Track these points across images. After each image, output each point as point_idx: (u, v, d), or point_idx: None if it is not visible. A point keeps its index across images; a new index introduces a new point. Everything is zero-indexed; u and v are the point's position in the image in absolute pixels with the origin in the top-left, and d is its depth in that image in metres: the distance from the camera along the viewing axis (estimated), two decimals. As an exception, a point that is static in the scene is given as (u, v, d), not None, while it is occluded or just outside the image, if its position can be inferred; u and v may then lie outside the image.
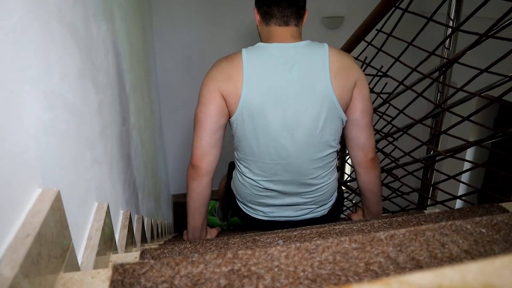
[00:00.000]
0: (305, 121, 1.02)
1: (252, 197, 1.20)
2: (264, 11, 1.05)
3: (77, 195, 0.60)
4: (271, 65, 1.00)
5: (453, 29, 1.10)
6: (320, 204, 1.21)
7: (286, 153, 1.06)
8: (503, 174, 0.97)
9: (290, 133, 1.03)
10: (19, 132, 0.41)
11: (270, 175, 1.12)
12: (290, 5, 1.03)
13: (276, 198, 1.17)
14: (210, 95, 1.02)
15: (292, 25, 1.05)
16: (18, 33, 0.42)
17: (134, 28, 1.73)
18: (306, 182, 1.13)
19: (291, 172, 1.10)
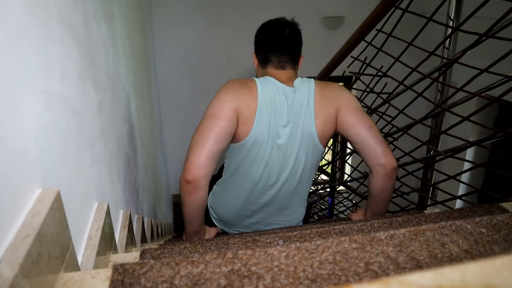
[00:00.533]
0: (293, 160, 1.12)
1: (229, 217, 1.27)
2: (261, 57, 1.15)
3: (77, 195, 0.60)
4: (276, 105, 1.07)
5: (453, 29, 1.10)
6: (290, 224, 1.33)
7: (273, 185, 1.16)
8: (503, 174, 0.97)
9: (281, 169, 1.13)
10: (19, 132, 0.41)
11: (252, 202, 1.20)
12: (285, 52, 1.11)
13: (251, 217, 1.27)
14: (227, 112, 1.02)
15: (288, 69, 1.13)
16: (18, 33, 0.42)
17: (134, 28, 1.73)
18: (284, 211, 1.25)
19: (273, 204, 1.21)
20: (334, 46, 1.99)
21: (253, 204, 1.22)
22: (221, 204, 1.28)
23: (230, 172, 1.20)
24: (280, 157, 1.11)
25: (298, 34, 1.16)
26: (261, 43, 1.15)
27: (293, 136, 1.09)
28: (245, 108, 1.04)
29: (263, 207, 1.23)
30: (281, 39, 1.11)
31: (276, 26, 1.13)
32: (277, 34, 1.12)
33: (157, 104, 3.16)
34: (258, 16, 3.58)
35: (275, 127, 1.07)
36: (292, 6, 3.55)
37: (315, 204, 2.80)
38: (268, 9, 3.52)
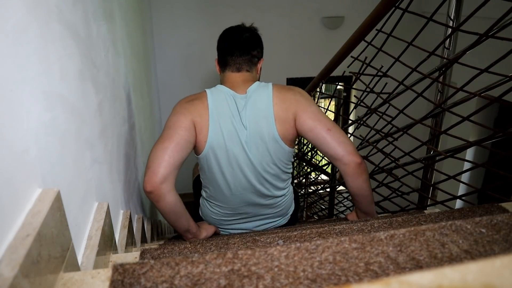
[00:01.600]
0: (258, 160, 1.15)
1: (220, 223, 1.32)
2: (221, 61, 1.21)
3: (77, 195, 0.60)
4: (228, 111, 1.11)
5: (453, 29, 1.10)
6: (280, 217, 1.36)
7: (247, 185, 1.19)
8: (503, 174, 0.97)
9: (249, 170, 1.17)
10: (19, 132, 0.41)
11: (234, 204, 1.24)
12: (242, 54, 1.17)
13: (242, 219, 1.31)
14: (184, 122, 1.06)
15: (243, 71, 1.18)
16: (18, 33, 0.42)
17: (134, 28, 1.73)
18: (266, 204, 1.27)
19: (253, 200, 1.24)
20: (334, 46, 1.99)
21: (237, 207, 1.26)
22: (209, 215, 1.32)
23: (206, 185, 1.25)
24: (245, 160, 1.14)
25: (256, 37, 1.21)
26: (220, 48, 1.21)
27: (253, 139, 1.13)
28: (199, 117, 1.09)
29: (248, 206, 1.26)
30: (238, 42, 1.17)
31: (234, 31, 1.20)
32: (234, 37, 1.18)
33: (157, 104, 3.15)
34: (258, 16, 3.59)
35: (231, 132, 1.11)
36: (292, 6, 3.55)
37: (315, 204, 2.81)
38: (268, 9, 3.52)
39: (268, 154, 1.15)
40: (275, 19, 3.56)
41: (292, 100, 1.12)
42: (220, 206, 1.27)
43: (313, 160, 2.55)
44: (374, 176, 1.58)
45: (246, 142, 1.12)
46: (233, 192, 1.20)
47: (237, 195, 1.22)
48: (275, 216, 1.34)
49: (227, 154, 1.13)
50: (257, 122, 1.11)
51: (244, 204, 1.25)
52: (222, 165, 1.15)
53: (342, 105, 4.20)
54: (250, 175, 1.17)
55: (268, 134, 1.12)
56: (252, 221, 1.33)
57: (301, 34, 3.62)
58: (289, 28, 3.58)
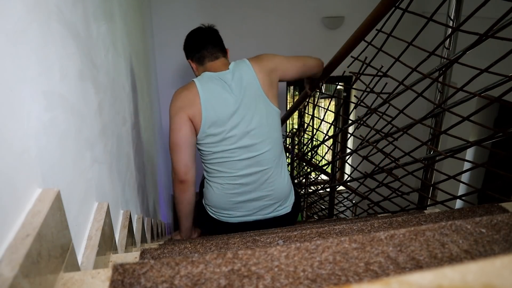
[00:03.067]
0: (255, 123, 1.29)
1: (226, 201, 1.37)
2: (197, 57, 1.37)
3: (77, 195, 0.60)
4: (219, 89, 1.27)
5: (453, 29, 1.10)
6: (280, 201, 1.41)
7: (246, 149, 1.31)
8: (503, 174, 0.97)
9: (247, 135, 1.29)
10: (19, 132, 0.41)
11: (237, 170, 1.33)
12: (215, 45, 1.37)
13: (244, 194, 1.36)
14: (182, 121, 1.24)
15: (221, 58, 1.37)
16: (18, 33, 0.42)
17: (134, 28, 1.73)
18: (265, 170, 1.35)
19: (254, 164, 1.33)
20: (334, 46, 1.99)
21: (243, 182, 1.35)
22: (215, 194, 1.38)
23: (210, 167, 1.36)
24: (243, 128, 1.28)
25: (217, 32, 1.43)
26: (192, 46, 1.38)
27: (246, 107, 1.28)
28: (191, 106, 1.24)
29: (251, 182, 1.35)
30: (208, 36, 1.37)
31: (200, 30, 1.40)
32: (203, 34, 1.38)
33: (157, 104, 3.15)
34: (258, 16, 3.59)
35: (225, 106, 1.26)
36: (292, 6, 3.55)
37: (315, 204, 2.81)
38: (268, 9, 3.52)
39: (263, 117, 1.31)
40: (275, 19, 3.56)
41: (268, 62, 1.35)
42: (229, 179, 1.34)
43: (313, 160, 2.55)
44: (374, 176, 1.58)
45: (239, 107, 1.27)
46: (238, 166, 1.32)
47: (242, 160, 1.32)
48: (273, 199, 1.39)
49: (226, 127, 1.27)
50: (246, 87, 1.28)
51: (248, 167, 1.33)
52: (225, 138, 1.28)
53: (342, 105, 4.20)
54: (251, 142, 1.30)
55: (258, 98, 1.30)
56: (256, 205, 1.38)
57: (301, 34, 3.62)
58: (289, 28, 3.58)
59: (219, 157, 1.31)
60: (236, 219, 1.39)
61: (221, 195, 1.35)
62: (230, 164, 1.31)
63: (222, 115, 1.25)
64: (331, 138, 2.08)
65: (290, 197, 1.45)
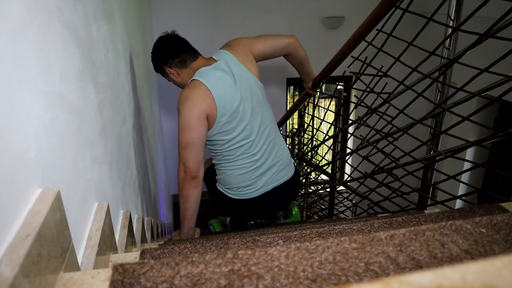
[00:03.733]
0: (256, 100, 1.41)
1: (247, 178, 1.47)
2: (176, 62, 1.41)
3: (77, 195, 0.60)
4: (221, 78, 1.34)
5: (453, 29, 1.10)
6: (288, 164, 1.56)
7: (256, 125, 1.42)
8: (503, 174, 0.97)
9: (253, 113, 1.40)
10: (19, 132, 0.41)
11: (253, 148, 1.43)
12: (189, 47, 1.44)
13: (262, 167, 1.47)
14: (197, 119, 1.27)
15: (199, 56, 1.44)
16: (18, 33, 0.42)
17: (134, 28, 1.73)
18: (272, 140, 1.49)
19: (263, 137, 1.45)
20: (334, 46, 1.99)
21: (259, 157, 1.46)
22: (236, 179, 1.48)
23: (227, 153, 1.43)
24: (250, 108, 1.39)
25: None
26: (167, 55, 1.42)
27: (245, 88, 1.38)
28: (205, 99, 1.29)
29: (265, 153, 1.47)
30: (180, 41, 1.44)
31: (168, 38, 1.45)
32: (173, 40, 1.44)
33: (157, 104, 3.15)
34: (258, 16, 3.59)
35: (233, 93, 1.34)
36: (292, 6, 3.55)
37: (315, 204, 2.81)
38: (268, 9, 3.52)
39: (256, 92, 1.43)
40: (275, 19, 3.55)
41: (242, 47, 1.46)
42: (248, 158, 1.45)
43: (313, 160, 2.55)
44: (374, 176, 1.58)
45: (241, 90, 1.37)
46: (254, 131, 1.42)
47: (256, 138, 1.43)
48: (283, 162, 1.54)
49: (237, 109, 1.35)
50: (237, 71, 1.38)
51: (261, 142, 1.45)
52: (236, 121, 1.37)
53: (343, 105, 4.19)
54: (256, 118, 1.42)
55: (249, 79, 1.41)
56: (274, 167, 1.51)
57: (301, 34, 3.60)
58: (289, 28, 3.58)
59: (237, 141, 1.39)
60: (259, 191, 1.49)
61: (243, 175, 1.45)
62: (248, 144, 1.41)
63: (233, 101, 1.33)
64: (331, 138, 2.07)
65: (291, 159, 1.62)
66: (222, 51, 1.43)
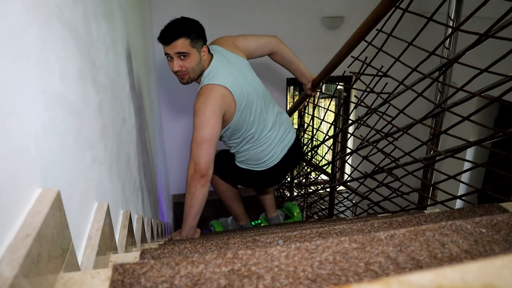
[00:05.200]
0: (255, 86, 1.54)
1: (271, 150, 1.65)
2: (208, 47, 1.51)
3: (77, 195, 0.60)
4: (228, 70, 1.45)
5: (453, 29, 1.10)
6: (289, 124, 1.76)
7: (264, 106, 1.59)
8: (503, 174, 0.97)
9: (256, 91, 1.54)
10: (19, 132, 0.41)
11: (267, 124, 1.61)
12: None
13: (276, 134, 1.66)
14: (217, 118, 1.35)
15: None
16: (18, 33, 0.42)
17: (134, 28, 1.73)
18: (275, 110, 1.67)
19: (270, 110, 1.64)
20: (334, 46, 1.98)
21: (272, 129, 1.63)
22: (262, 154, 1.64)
23: (248, 135, 1.57)
24: (255, 90, 1.54)
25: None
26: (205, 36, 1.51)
27: (242, 73, 1.50)
28: (225, 97, 1.39)
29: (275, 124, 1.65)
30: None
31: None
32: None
33: (157, 104, 3.16)
34: (258, 16, 3.59)
35: (243, 82, 1.47)
36: (292, 6, 3.55)
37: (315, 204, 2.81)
38: (268, 9, 3.52)
39: (250, 72, 1.57)
40: (275, 19, 3.55)
41: (224, 40, 1.61)
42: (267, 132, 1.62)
43: (313, 160, 2.55)
44: (374, 176, 1.58)
45: (244, 76, 1.51)
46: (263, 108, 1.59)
47: (267, 109, 1.61)
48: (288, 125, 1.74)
49: (250, 94, 1.49)
50: (233, 61, 1.52)
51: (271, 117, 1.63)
52: (250, 107, 1.51)
53: (342, 105, 4.19)
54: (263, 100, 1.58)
55: (238, 60, 1.53)
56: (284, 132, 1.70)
57: (301, 34, 3.62)
58: (289, 28, 3.58)
59: (255, 121, 1.54)
60: (280, 156, 1.67)
61: (266, 149, 1.62)
62: (263, 122, 1.58)
63: (242, 88, 1.45)
64: (331, 138, 2.07)
65: (289, 119, 1.82)
66: (216, 48, 1.53)
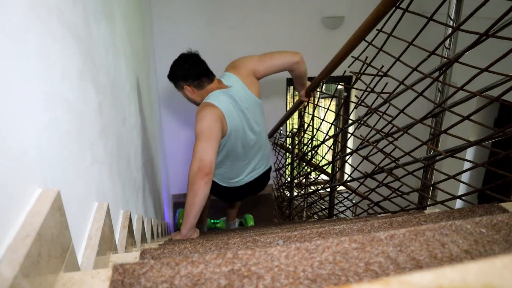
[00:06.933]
0: (254, 124, 1.77)
1: (239, 170, 1.92)
2: (196, 83, 1.70)
3: (77, 195, 0.60)
4: (230, 102, 1.65)
5: (453, 29, 1.10)
6: (267, 160, 2.05)
7: (250, 144, 1.83)
8: (503, 174, 0.97)
9: (250, 128, 1.77)
10: (19, 132, 0.41)
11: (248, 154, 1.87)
12: (208, 70, 1.73)
13: (249, 165, 1.93)
14: (217, 126, 1.52)
15: (215, 79, 1.74)
16: (18, 33, 0.42)
17: (134, 28, 1.73)
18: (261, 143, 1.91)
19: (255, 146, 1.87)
20: (334, 46, 1.98)
21: (248, 157, 1.89)
22: (227, 173, 1.92)
23: (223, 157, 1.80)
24: (250, 124, 1.75)
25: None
26: (190, 74, 1.68)
27: (248, 108, 1.72)
28: (219, 117, 1.57)
29: (254, 155, 1.91)
30: (201, 63, 1.72)
31: (192, 59, 1.70)
32: (198, 63, 1.70)
33: (157, 104, 3.16)
34: (258, 16, 3.59)
35: (238, 116, 1.68)
36: (292, 6, 3.55)
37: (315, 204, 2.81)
38: (268, 9, 3.52)
39: (254, 108, 1.77)
40: (275, 18, 3.55)
41: (244, 68, 1.73)
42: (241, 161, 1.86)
43: (313, 160, 2.55)
44: (374, 176, 1.58)
45: (245, 109, 1.71)
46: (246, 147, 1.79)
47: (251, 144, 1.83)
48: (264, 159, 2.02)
49: (242, 125, 1.71)
50: (243, 95, 1.69)
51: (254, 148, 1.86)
52: (238, 135, 1.71)
53: (343, 105, 4.18)
54: (252, 128, 1.78)
55: (251, 100, 1.72)
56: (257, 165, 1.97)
57: (301, 34, 3.62)
58: (289, 28, 3.58)
59: (236, 150, 1.73)
60: (243, 181, 1.96)
61: (234, 172, 1.88)
62: (242, 152, 1.77)
63: (237, 120, 1.65)
64: (331, 138, 2.07)
65: (270, 155, 2.09)
66: (228, 74, 1.72)
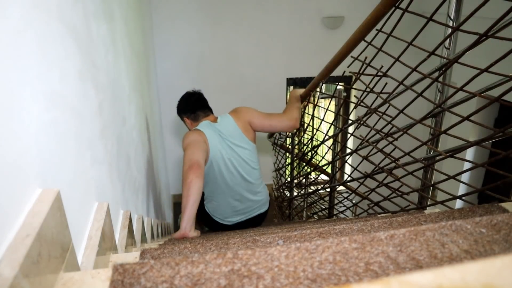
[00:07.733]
0: (241, 161, 1.85)
1: (226, 212, 1.96)
2: (192, 116, 1.90)
3: (77, 195, 0.60)
4: (214, 132, 1.79)
5: (453, 29, 1.10)
6: (262, 203, 2.05)
7: (237, 180, 1.88)
8: (503, 174, 0.97)
9: (236, 170, 1.85)
10: (19, 132, 0.41)
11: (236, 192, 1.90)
12: (206, 107, 1.93)
13: (238, 207, 1.95)
14: (201, 140, 1.66)
15: (210, 114, 1.92)
16: (18, 33, 0.42)
17: (134, 28, 1.73)
18: (254, 191, 1.98)
19: (243, 186, 1.91)
20: (334, 46, 1.99)
21: (236, 194, 1.91)
22: (217, 208, 1.96)
23: (211, 188, 1.89)
24: (234, 160, 1.83)
25: (203, 96, 1.98)
26: (188, 109, 1.90)
27: (234, 146, 1.82)
28: (203, 140, 1.70)
29: (245, 196, 1.94)
30: (200, 101, 1.92)
31: (192, 96, 1.92)
32: (196, 99, 1.91)
33: (157, 104, 3.16)
34: (258, 16, 3.59)
35: (220, 145, 1.79)
36: (292, 6, 3.55)
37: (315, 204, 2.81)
38: (268, 9, 3.52)
39: (244, 151, 1.85)
40: (275, 19, 3.55)
41: (243, 115, 1.87)
42: (227, 197, 1.89)
43: (313, 160, 2.55)
44: (374, 176, 1.58)
45: (232, 149, 1.81)
46: (232, 185, 1.86)
47: (232, 187, 1.87)
48: (262, 202, 2.04)
49: (222, 159, 1.80)
50: (233, 136, 1.81)
51: (242, 188, 1.90)
52: (222, 167, 1.80)
53: (342, 105, 4.18)
54: (240, 169, 1.85)
55: (242, 140, 1.83)
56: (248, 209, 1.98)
57: (301, 34, 3.62)
58: (289, 28, 3.58)
59: (220, 183, 1.82)
60: (232, 222, 1.98)
61: (223, 209, 1.92)
62: (229, 189, 1.86)
63: (221, 151, 1.76)
64: (331, 138, 2.07)
65: (268, 198, 2.09)
66: (226, 115, 1.87)
